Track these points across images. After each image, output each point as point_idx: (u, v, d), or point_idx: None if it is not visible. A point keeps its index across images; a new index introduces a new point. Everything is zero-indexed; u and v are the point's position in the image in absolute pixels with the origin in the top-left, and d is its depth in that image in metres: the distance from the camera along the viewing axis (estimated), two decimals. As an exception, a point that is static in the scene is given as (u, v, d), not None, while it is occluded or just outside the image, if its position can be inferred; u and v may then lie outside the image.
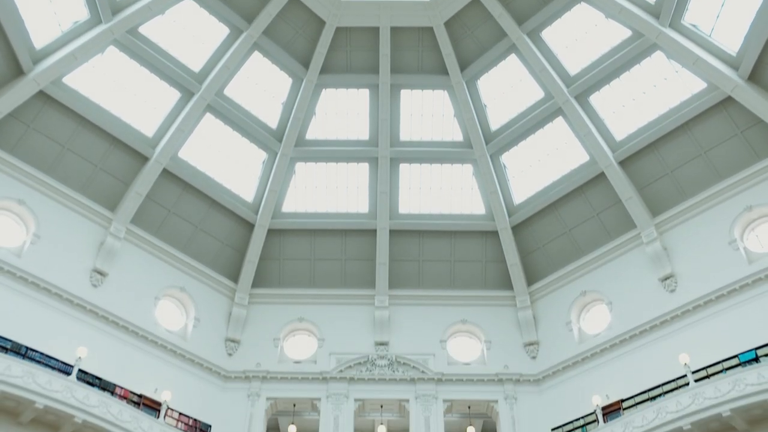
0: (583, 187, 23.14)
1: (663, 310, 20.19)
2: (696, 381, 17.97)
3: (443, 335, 23.66)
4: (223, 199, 23.84)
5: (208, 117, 23.60)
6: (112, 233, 21.06)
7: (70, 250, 20.28)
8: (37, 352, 18.02)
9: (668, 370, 19.12)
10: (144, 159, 22.09)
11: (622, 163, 22.22)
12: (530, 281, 24.23)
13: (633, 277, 21.60)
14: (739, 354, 17.83)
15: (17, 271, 18.61)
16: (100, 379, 19.04)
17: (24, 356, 17.60)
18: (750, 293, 18.59)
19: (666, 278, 20.59)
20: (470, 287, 24.65)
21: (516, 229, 24.32)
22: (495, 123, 24.92)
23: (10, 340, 17.64)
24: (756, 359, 17.48)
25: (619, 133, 22.57)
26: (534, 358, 22.97)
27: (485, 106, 25.02)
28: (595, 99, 22.92)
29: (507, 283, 24.32)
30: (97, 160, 21.36)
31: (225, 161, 24.35)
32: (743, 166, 20.02)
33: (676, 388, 18.60)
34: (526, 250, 24.33)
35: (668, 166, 21.43)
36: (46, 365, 17.87)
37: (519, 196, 24.64)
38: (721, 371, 17.92)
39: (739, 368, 17.45)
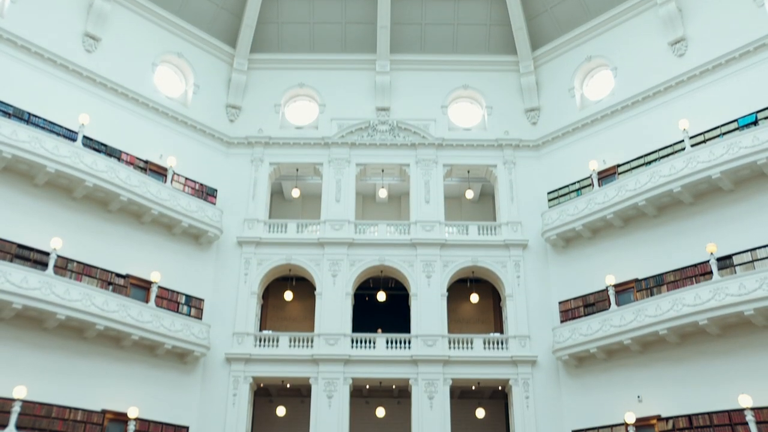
0: (596, -59, 21.57)
1: (669, 75, 19.88)
2: (692, 146, 18.30)
3: (444, 101, 23.59)
4: (214, -44, 22.37)
5: None
6: (98, -7, 20.02)
7: (56, 10, 19.38)
8: (40, 118, 18.11)
9: (667, 136, 19.40)
10: None
11: None
12: (535, 46, 23.57)
13: (641, 41, 20.97)
14: (739, 118, 17.93)
15: (2, 32, 17.97)
16: (105, 145, 19.35)
17: (27, 122, 17.71)
18: (765, 54, 18.10)
19: (676, 42, 19.96)
20: (473, 52, 24.07)
21: (523, -11, 23.15)
22: None
23: (12, 106, 17.62)
24: (755, 122, 17.58)
25: None
26: (534, 124, 23.12)
27: None
28: None
29: (511, 48, 23.69)
30: None
31: None
32: None
33: (672, 153, 19.00)
34: (532, 13, 23.31)
35: None
36: (51, 131, 18.07)
37: (528, -47, 23.11)
38: (718, 136, 18.15)
39: (737, 132, 17.64)
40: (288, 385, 21.16)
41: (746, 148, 16.87)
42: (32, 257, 17.03)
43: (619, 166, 20.36)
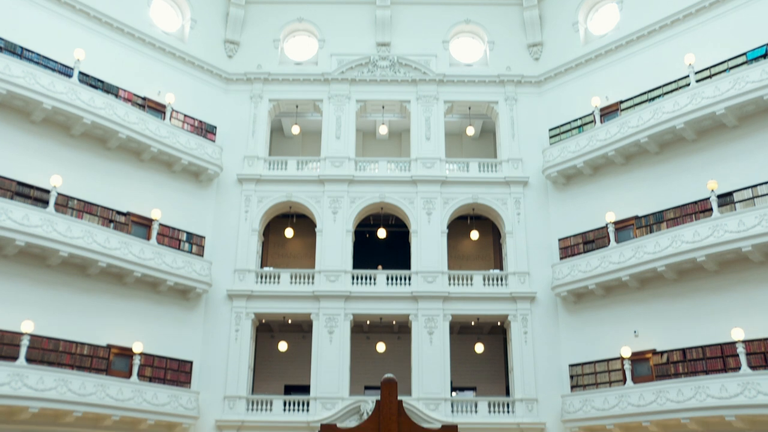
0: None
1: (677, 7, 19.34)
2: (697, 82, 18.01)
3: (446, 36, 23.14)
4: None
5: None
6: None
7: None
8: (33, 53, 17.80)
9: (672, 72, 19.08)
10: None
11: None
12: (538, -22, 23.00)
13: (649, -28, 20.39)
14: (748, 52, 17.55)
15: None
16: (102, 81, 19.10)
17: (21, 57, 17.41)
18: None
19: (686, -28, 19.41)
20: (475, -16, 23.48)
21: None
22: None
23: (3, 39, 17.29)
24: (765, 55, 17.18)
25: None
26: (537, 59, 22.73)
27: None
28: None
29: (514, -20, 23.12)
30: None
31: None
32: None
33: (676, 89, 18.72)
34: (536, -57, 22.66)
35: None
36: (45, 67, 17.79)
37: None
38: (725, 71, 17.82)
39: (744, 66, 17.30)
40: (289, 321, 21.52)
41: (753, 82, 16.57)
42: (32, 195, 17.04)
43: (621, 102, 20.12)
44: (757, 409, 14.82)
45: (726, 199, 17.11)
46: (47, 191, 17.03)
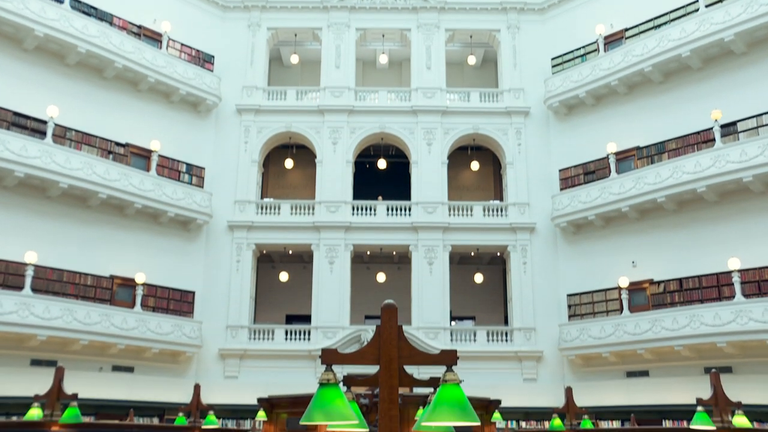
0: None
1: (686, -70, 18.71)
2: (707, 6, 17.55)
3: (448, -39, 22.44)
4: None
5: None
6: None
7: None
8: (22, -22, 17.29)
9: (679, -3, 18.58)
10: None
11: None
12: None
13: None
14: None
15: None
16: (95, 8, 18.62)
17: (10, -18, 16.91)
18: None
19: None
20: None
21: None
22: None
23: (-10, -36, 16.78)
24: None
25: None
26: (541, -15, 22.12)
27: None
28: None
29: None
30: None
31: None
32: None
33: (684, 15, 18.24)
34: None
35: None
36: (36, -8, 17.29)
37: None
38: (735, -5, 17.34)
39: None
40: (290, 252, 21.68)
41: (767, 5, 16.16)
42: (29, 125, 16.87)
43: (626, 30, 19.66)
44: (748, 335, 15.16)
45: (729, 129, 16.94)
46: (44, 122, 16.86)
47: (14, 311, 15.11)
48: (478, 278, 22.43)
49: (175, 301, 18.98)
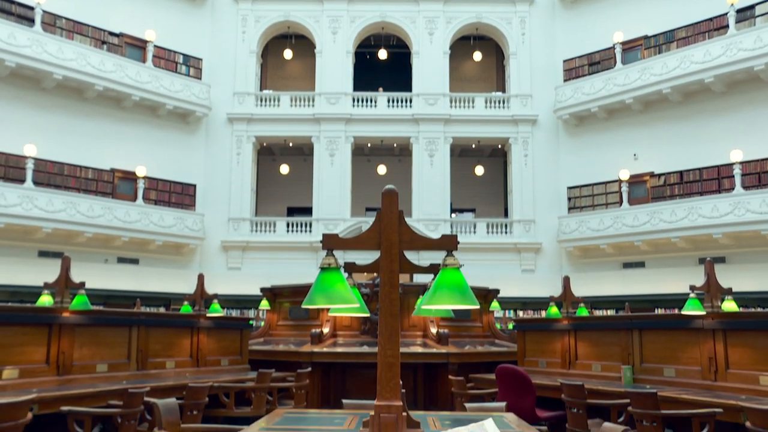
0: None
1: None
2: None
3: None
4: None
5: None
6: None
7: None
8: None
9: None
10: None
11: None
12: None
13: None
14: None
15: None
16: None
17: None
18: None
19: None
20: None
21: None
22: None
23: None
24: None
25: None
26: None
27: None
28: None
29: None
30: None
31: None
32: None
33: None
34: None
35: None
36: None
37: None
38: None
39: None
40: (290, 144, 21.57)
41: None
42: (15, 11, 16.33)
43: None
44: (744, 226, 15.33)
45: (746, 14, 16.39)
46: (31, 8, 16.31)
47: (18, 204, 15.24)
48: (479, 171, 22.43)
49: (176, 194, 19.08)
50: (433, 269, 2.47)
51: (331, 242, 2.17)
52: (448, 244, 2.15)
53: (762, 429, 3.96)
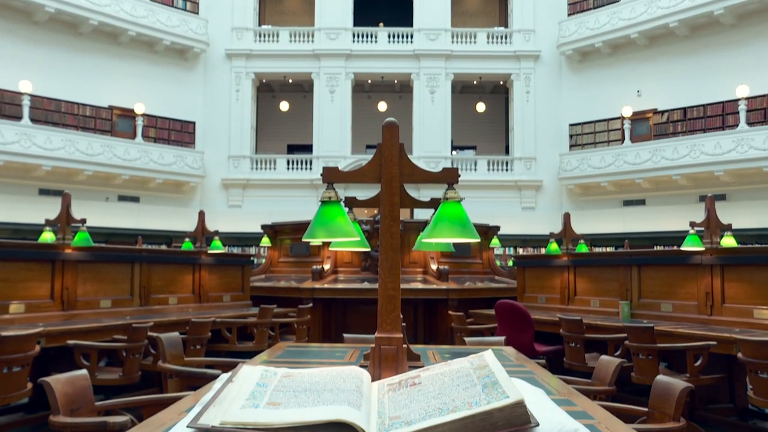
0: None
1: None
2: None
3: None
4: None
5: None
6: None
7: None
8: None
9: None
10: None
11: None
12: None
13: None
14: None
15: None
16: None
17: None
18: None
19: None
20: None
21: None
22: None
23: None
24: None
25: None
26: None
27: None
28: None
29: None
30: None
31: None
32: None
33: None
34: None
35: None
36: None
37: None
38: None
39: None
40: (290, 81, 21.29)
41: None
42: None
43: None
44: (746, 162, 15.28)
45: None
46: (23, -59, 15.85)
47: (16, 141, 15.15)
48: (480, 107, 22.20)
49: (176, 132, 18.95)
50: (434, 204, 2.46)
51: (331, 175, 2.15)
52: (449, 176, 2.13)
53: (753, 359, 4.04)
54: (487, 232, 10.14)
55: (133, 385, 5.43)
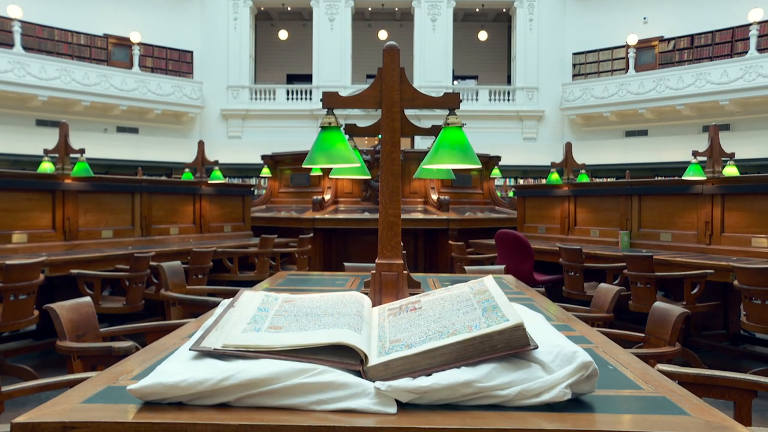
0: None
1: None
2: None
3: None
4: None
5: None
6: None
7: None
8: None
9: None
10: None
11: None
12: None
13: None
14: None
15: None
16: None
17: None
18: None
19: None
20: None
21: None
22: None
23: None
24: None
25: None
26: None
27: None
28: None
29: None
30: None
31: None
32: None
33: None
34: None
35: None
36: None
37: None
38: None
39: None
40: (289, 9, 20.78)
41: None
42: None
43: None
44: (753, 91, 15.07)
45: None
46: None
47: (9, 70, 14.93)
48: (482, 36, 21.76)
49: (173, 62, 18.63)
50: (435, 131, 2.43)
51: (331, 101, 2.10)
52: (450, 102, 2.09)
53: (748, 286, 4.09)
54: (487, 162, 10.09)
55: (136, 314, 5.51)
